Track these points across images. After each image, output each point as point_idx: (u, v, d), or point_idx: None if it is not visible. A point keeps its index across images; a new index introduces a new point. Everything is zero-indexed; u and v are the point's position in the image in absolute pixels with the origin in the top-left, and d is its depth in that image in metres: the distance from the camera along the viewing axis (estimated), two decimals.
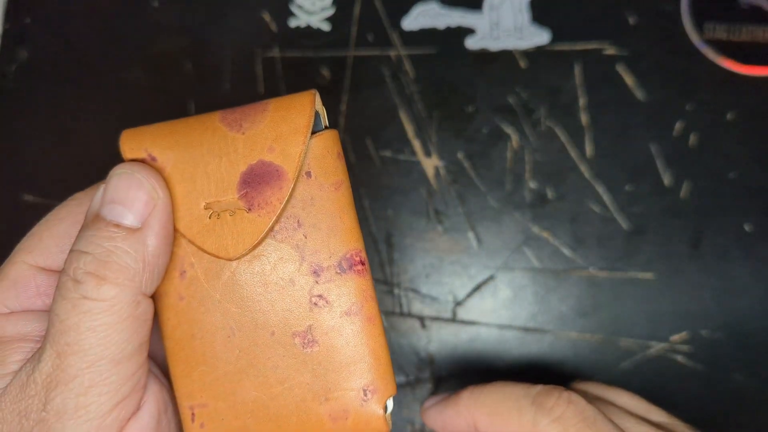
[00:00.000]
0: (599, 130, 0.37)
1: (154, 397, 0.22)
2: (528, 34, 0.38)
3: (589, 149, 0.37)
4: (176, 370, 0.22)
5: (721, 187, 0.36)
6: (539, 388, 0.25)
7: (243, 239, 0.21)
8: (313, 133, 0.22)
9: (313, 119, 0.22)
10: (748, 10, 0.37)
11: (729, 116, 0.37)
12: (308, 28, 0.39)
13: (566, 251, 0.36)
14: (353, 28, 0.39)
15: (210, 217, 0.21)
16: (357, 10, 0.39)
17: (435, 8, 0.38)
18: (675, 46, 0.38)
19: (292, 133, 0.21)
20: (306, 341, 0.21)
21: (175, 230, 0.22)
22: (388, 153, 0.38)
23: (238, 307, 0.21)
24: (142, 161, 0.22)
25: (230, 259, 0.21)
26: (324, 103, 0.38)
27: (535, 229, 0.36)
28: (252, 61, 0.39)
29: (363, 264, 0.22)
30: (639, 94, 0.37)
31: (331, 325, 0.21)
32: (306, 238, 0.21)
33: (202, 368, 0.22)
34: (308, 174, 0.22)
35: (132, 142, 0.22)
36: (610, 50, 0.38)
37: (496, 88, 0.38)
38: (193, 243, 0.21)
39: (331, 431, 0.22)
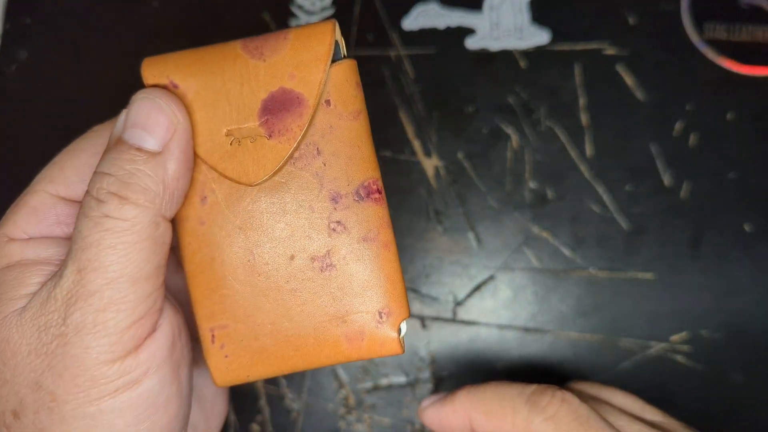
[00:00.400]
0: (599, 130, 0.37)
1: (169, 320, 0.22)
2: (528, 34, 0.38)
3: (589, 149, 0.37)
4: (196, 293, 0.22)
5: (721, 187, 0.36)
6: (534, 387, 0.25)
7: (264, 165, 0.22)
8: (333, 62, 0.22)
9: (333, 47, 0.22)
10: (749, 10, 0.38)
11: (729, 116, 0.37)
12: None
13: (566, 251, 0.36)
14: (353, 28, 0.39)
15: (231, 144, 0.22)
16: (357, 10, 0.39)
17: (435, 8, 0.38)
18: (675, 46, 0.38)
19: (312, 61, 0.21)
20: (324, 265, 0.22)
21: (197, 156, 0.22)
22: (388, 153, 0.38)
23: (257, 233, 0.22)
24: (163, 87, 0.22)
25: (251, 185, 0.22)
26: None
27: (535, 229, 0.36)
28: None
29: (380, 192, 0.22)
30: (639, 94, 0.37)
31: (348, 250, 0.22)
32: (325, 165, 0.22)
33: (222, 291, 0.22)
34: (328, 102, 0.22)
35: (154, 69, 0.22)
36: (610, 50, 0.38)
37: (496, 88, 0.38)
38: (214, 169, 0.22)
39: (346, 352, 0.22)
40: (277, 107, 0.21)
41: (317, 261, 0.22)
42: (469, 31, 0.38)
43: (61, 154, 0.24)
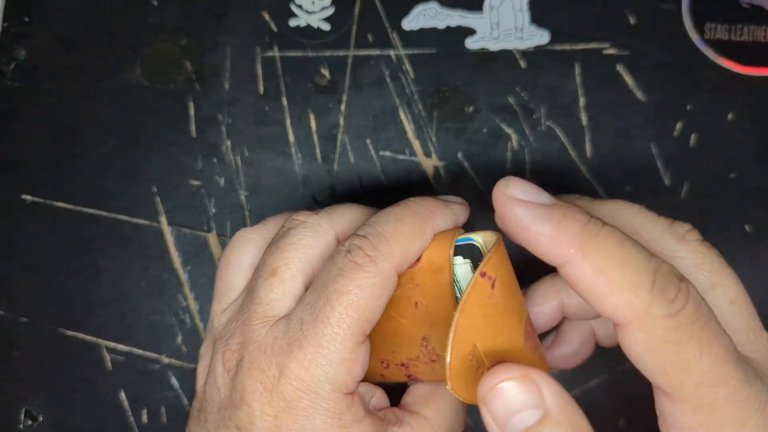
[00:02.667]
0: (599, 130, 0.37)
1: None
2: (528, 34, 0.38)
3: (589, 149, 0.37)
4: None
5: (721, 188, 0.36)
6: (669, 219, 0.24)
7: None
8: None
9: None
10: (750, 10, 0.37)
11: (730, 116, 0.37)
12: (308, 27, 0.39)
13: None
14: (353, 27, 0.39)
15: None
16: (357, 9, 0.39)
17: (435, 8, 0.38)
18: (676, 46, 0.38)
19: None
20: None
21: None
22: (387, 153, 0.38)
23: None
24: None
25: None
26: (324, 103, 0.38)
27: None
28: (252, 61, 0.39)
29: None
30: (639, 94, 0.37)
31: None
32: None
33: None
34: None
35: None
36: (610, 50, 0.38)
37: (496, 89, 0.38)
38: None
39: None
40: None
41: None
42: (469, 31, 0.38)
43: (363, 301, 0.24)
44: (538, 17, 0.38)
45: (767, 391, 0.20)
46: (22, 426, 0.37)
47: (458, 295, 0.25)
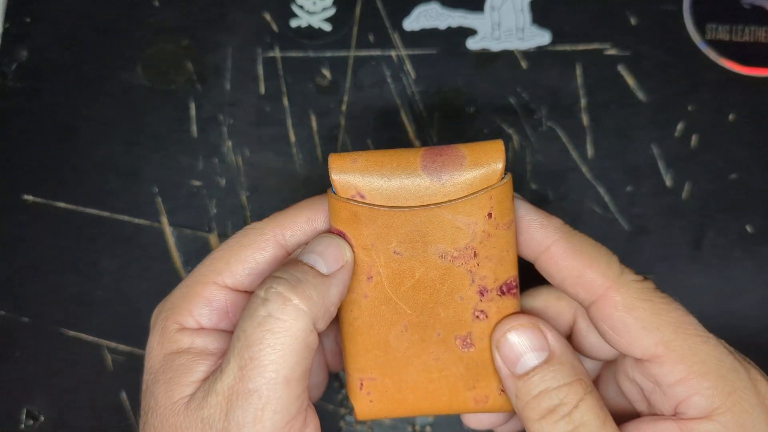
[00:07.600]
0: (600, 130, 0.37)
1: (313, 423, 0.24)
2: (529, 35, 0.38)
3: (590, 150, 0.37)
4: (351, 350, 0.27)
5: (722, 188, 0.36)
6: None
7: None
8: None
9: (502, 175, 0.25)
10: (750, 11, 0.37)
11: (731, 117, 0.37)
12: (309, 28, 0.39)
13: None
14: (354, 28, 0.39)
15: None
16: (358, 10, 0.39)
17: (436, 9, 0.38)
18: (677, 47, 0.38)
19: (483, 185, 0.25)
20: (465, 343, 0.26)
21: (367, 248, 0.25)
22: None
23: (413, 310, 0.26)
24: (352, 198, 0.25)
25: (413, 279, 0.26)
26: (325, 104, 0.38)
27: None
28: (253, 61, 0.39)
29: (516, 288, 0.26)
30: (640, 94, 0.37)
31: (486, 334, 0.26)
32: (478, 266, 0.25)
33: (376, 352, 0.26)
34: (489, 215, 0.25)
35: (342, 176, 0.25)
36: (611, 50, 0.38)
37: (497, 89, 0.38)
38: (381, 269, 0.25)
39: (471, 409, 0.27)
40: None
41: (459, 339, 0.26)
42: (470, 32, 0.38)
43: (222, 248, 0.26)
44: (539, 18, 0.38)
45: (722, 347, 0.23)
46: (23, 426, 0.37)
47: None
